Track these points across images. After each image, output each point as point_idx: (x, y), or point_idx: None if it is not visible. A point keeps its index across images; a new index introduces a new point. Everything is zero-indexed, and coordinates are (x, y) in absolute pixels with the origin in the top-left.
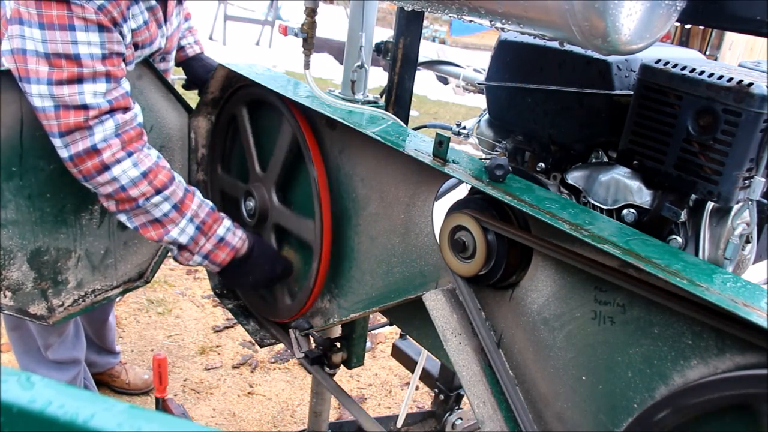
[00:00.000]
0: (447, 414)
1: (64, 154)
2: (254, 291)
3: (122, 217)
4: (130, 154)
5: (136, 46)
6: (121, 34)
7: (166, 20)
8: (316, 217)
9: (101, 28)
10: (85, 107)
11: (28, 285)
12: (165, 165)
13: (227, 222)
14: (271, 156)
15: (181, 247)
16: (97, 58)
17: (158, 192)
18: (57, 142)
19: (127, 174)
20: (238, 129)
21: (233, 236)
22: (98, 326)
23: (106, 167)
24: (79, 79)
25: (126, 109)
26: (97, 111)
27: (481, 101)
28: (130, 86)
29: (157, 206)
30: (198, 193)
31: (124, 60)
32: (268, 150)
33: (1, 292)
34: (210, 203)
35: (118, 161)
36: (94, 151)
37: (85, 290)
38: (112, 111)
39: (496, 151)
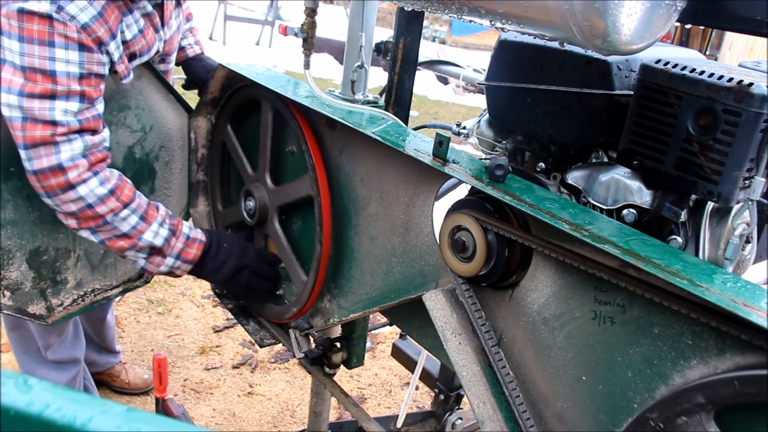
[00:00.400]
0: (447, 414)
1: (27, 167)
2: (237, 293)
3: (84, 233)
4: (96, 174)
5: (132, 56)
6: (108, 52)
7: (163, 24)
8: (317, 217)
9: (82, 47)
10: (53, 123)
11: (27, 285)
12: (127, 180)
13: (187, 222)
14: (280, 168)
15: (153, 252)
16: (74, 77)
17: (126, 206)
18: (22, 153)
19: (95, 192)
20: (252, 116)
21: (196, 232)
22: (97, 325)
23: (71, 186)
24: (51, 96)
25: (95, 132)
26: (65, 129)
27: (481, 101)
28: (130, 86)
29: (125, 220)
30: (159, 204)
31: (117, 74)
32: (280, 157)
33: (0, 292)
34: (168, 210)
35: (84, 181)
36: (60, 169)
37: (85, 290)
38: (81, 131)
39: (496, 151)
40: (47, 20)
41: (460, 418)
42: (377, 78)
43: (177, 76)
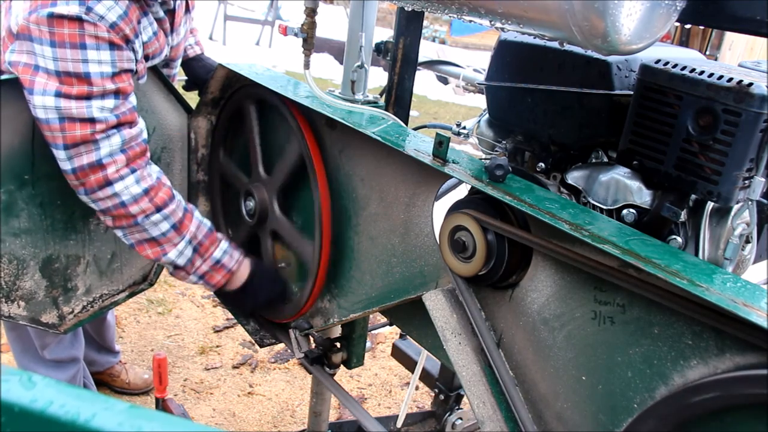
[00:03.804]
0: (447, 414)
1: (66, 166)
2: (250, 314)
3: (119, 233)
4: (133, 171)
5: (146, 58)
6: (133, 50)
7: (173, 30)
8: (317, 216)
9: (112, 46)
10: (92, 120)
11: (41, 294)
12: (166, 182)
13: (224, 244)
14: (274, 160)
15: (177, 267)
16: (107, 76)
17: (158, 210)
18: (60, 154)
19: (129, 190)
20: (244, 122)
21: (230, 259)
22: (97, 324)
23: (108, 182)
24: (88, 96)
25: (132, 124)
26: (104, 125)
27: (481, 101)
28: (135, 88)
29: (156, 225)
30: (196, 212)
31: (136, 74)
32: (271, 152)
33: (15, 303)
34: (208, 223)
35: (122, 177)
36: (99, 165)
37: (94, 296)
38: (119, 125)
39: (496, 151)
40: (77, 22)
41: (460, 418)
42: (377, 78)
43: (177, 78)
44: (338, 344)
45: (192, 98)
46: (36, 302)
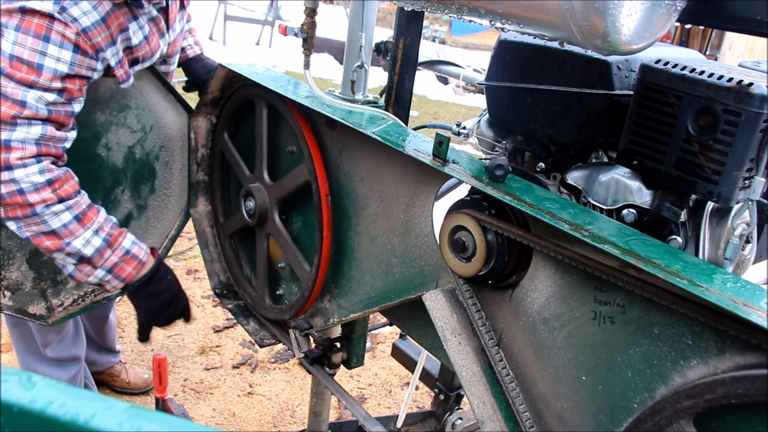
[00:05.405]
0: (447, 414)
1: None
2: (151, 321)
3: (11, 225)
4: (38, 161)
5: (135, 62)
6: (103, 59)
7: (168, 28)
8: (317, 216)
9: (77, 49)
10: (22, 104)
11: (28, 285)
12: (74, 177)
13: (131, 236)
14: (280, 165)
15: (82, 261)
16: (60, 75)
17: (61, 201)
18: None
19: (30, 178)
20: (253, 114)
21: (139, 249)
22: (98, 324)
23: (8, 167)
24: (30, 85)
25: (62, 126)
26: (32, 113)
27: (481, 101)
28: (130, 87)
29: (57, 215)
30: (102, 209)
31: (110, 74)
32: (277, 156)
33: (1, 292)
34: (113, 218)
35: (24, 165)
36: (5, 146)
37: (85, 290)
38: (47, 120)
39: (496, 151)
40: (48, 18)
41: (460, 418)
42: (377, 78)
43: (178, 79)
44: (338, 344)
45: (192, 99)
46: (23, 293)
